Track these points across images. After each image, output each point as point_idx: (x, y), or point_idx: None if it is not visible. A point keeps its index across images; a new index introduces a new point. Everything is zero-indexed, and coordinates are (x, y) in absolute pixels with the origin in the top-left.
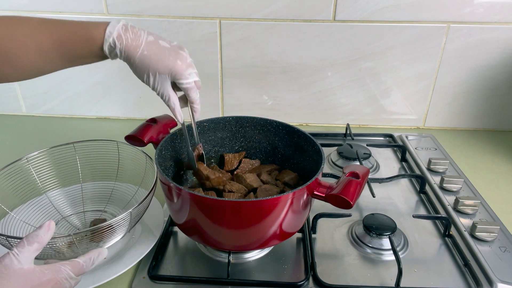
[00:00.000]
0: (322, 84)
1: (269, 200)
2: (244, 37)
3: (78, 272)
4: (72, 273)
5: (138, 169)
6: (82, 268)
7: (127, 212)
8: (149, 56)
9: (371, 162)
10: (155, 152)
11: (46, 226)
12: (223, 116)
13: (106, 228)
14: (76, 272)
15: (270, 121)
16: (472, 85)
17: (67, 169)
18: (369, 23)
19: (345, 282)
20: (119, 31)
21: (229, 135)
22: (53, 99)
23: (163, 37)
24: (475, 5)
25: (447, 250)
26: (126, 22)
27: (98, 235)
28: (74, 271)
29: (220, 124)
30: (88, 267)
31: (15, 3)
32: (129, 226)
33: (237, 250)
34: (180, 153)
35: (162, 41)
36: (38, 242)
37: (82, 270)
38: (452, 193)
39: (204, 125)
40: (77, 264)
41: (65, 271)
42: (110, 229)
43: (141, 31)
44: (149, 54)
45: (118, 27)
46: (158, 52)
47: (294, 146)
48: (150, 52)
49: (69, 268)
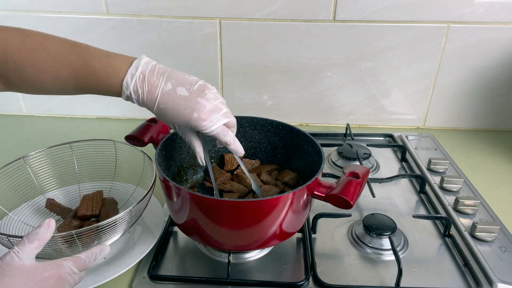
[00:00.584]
0: (322, 84)
1: (269, 200)
2: (244, 37)
3: (80, 267)
4: (75, 268)
5: (136, 168)
6: (85, 263)
7: (127, 210)
8: (165, 110)
9: (371, 162)
10: (155, 152)
11: (46, 224)
12: None
13: (105, 226)
14: (78, 267)
15: (270, 121)
16: (472, 85)
17: (64, 169)
18: (369, 23)
19: (345, 282)
20: (135, 83)
21: None
22: (53, 99)
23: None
24: (475, 5)
25: (447, 250)
26: (145, 66)
27: (98, 232)
28: (76, 266)
29: None
30: (90, 262)
31: (15, 3)
32: (129, 225)
33: (237, 250)
34: (180, 152)
35: (180, 88)
36: (38, 240)
37: (85, 265)
38: (452, 193)
39: None
40: (79, 259)
41: (68, 266)
42: (110, 227)
43: (160, 78)
44: (165, 107)
45: (136, 76)
46: (174, 105)
47: (294, 146)
48: (166, 106)
49: (71, 263)
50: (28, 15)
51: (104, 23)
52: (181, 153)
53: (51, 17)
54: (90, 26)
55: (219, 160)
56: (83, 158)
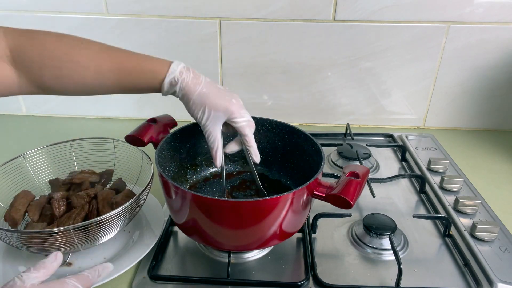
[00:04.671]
0: (322, 84)
1: (269, 200)
2: (244, 37)
3: (85, 284)
4: (79, 285)
5: (134, 167)
6: (88, 279)
7: (123, 206)
8: (208, 94)
9: (371, 162)
10: (155, 152)
11: (53, 256)
12: None
13: (102, 222)
14: (83, 284)
15: (270, 121)
16: (472, 85)
17: (64, 167)
18: (369, 23)
19: (345, 282)
20: (181, 69)
21: (228, 135)
22: (53, 99)
23: None
24: (475, 5)
25: (447, 250)
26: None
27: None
28: (80, 283)
29: None
30: (94, 279)
31: (15, 3)
32: (126, 221)
33: (237, 250)
34: (180, 152)
35: (217, 85)
36: (44, 269)
37: (89, 282)
38: (452, 193)
39: None
40: (82, 276)
41: (71, 283)
42: (107, 223)
43: (201, 74)
44: (208, 92)
45: (181, 66)
46: (216, 92)
47: (294, 146)
48: (209, 90)
49: (74, 280)
50: (28, 15)
51: (104, 23)
52: (181, 153)
53: (51, 17)
54: (90, 26)
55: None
56: (83, 156)
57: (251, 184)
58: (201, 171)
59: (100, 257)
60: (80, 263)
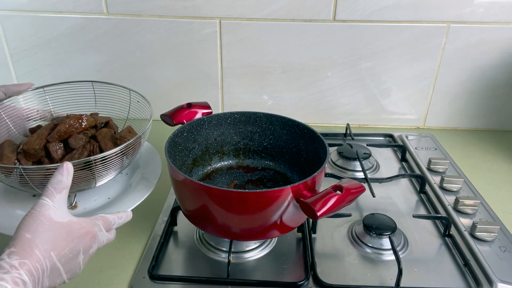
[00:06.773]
0: (322, 84)
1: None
2: (244, 37)
3: (107, 227)
4: (104, 228)
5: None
6: (110, 224)
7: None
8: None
9: (371, 162)
10: (166, 141)
11: (64, 169)
12: (254, 111)
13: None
14: (105, 227)
15: (297, 123)
16: (472, 85)
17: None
18: (369, 23)
19: (345, 282)
20: None
21: (258, 130)
22: None
23: None
24: (475, 5)
25: (447, 250)
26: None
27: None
28: (104, 225)
29: (251, 118)
30: (114, 223)
31: (15, 3)
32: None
33: (240, 240)
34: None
35: None
36: (65, 188)
37: (110, 226)
38: (452, 193)
39: (235, 116)
40: (106, 219)
41: (99, 225)
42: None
43: None
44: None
45: None
46: None
47: (314, 152)
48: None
49: (101, 222)
50: (28, 15)
51: (104, 23)
52: (208, 138)
53: (51, 17)
54: (90, 26)
55: None
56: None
57: (267, 181)
58: (227, 159)
59: (104, 197)
60: (84, 204)
